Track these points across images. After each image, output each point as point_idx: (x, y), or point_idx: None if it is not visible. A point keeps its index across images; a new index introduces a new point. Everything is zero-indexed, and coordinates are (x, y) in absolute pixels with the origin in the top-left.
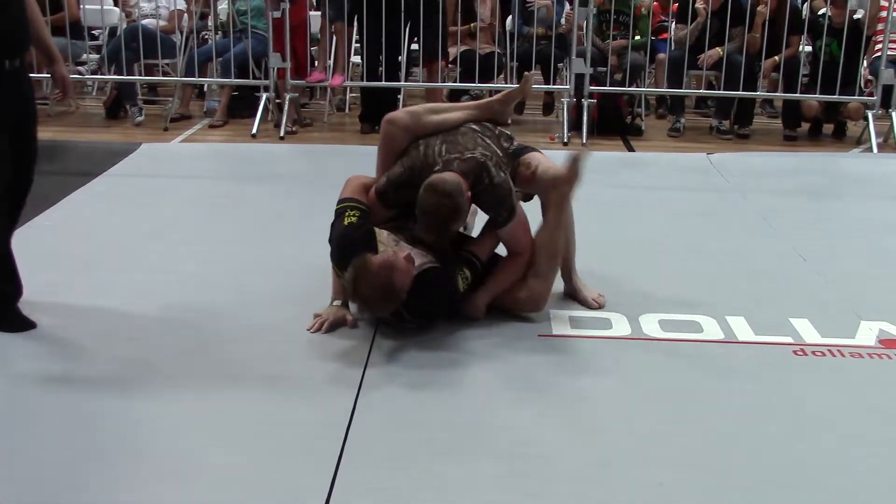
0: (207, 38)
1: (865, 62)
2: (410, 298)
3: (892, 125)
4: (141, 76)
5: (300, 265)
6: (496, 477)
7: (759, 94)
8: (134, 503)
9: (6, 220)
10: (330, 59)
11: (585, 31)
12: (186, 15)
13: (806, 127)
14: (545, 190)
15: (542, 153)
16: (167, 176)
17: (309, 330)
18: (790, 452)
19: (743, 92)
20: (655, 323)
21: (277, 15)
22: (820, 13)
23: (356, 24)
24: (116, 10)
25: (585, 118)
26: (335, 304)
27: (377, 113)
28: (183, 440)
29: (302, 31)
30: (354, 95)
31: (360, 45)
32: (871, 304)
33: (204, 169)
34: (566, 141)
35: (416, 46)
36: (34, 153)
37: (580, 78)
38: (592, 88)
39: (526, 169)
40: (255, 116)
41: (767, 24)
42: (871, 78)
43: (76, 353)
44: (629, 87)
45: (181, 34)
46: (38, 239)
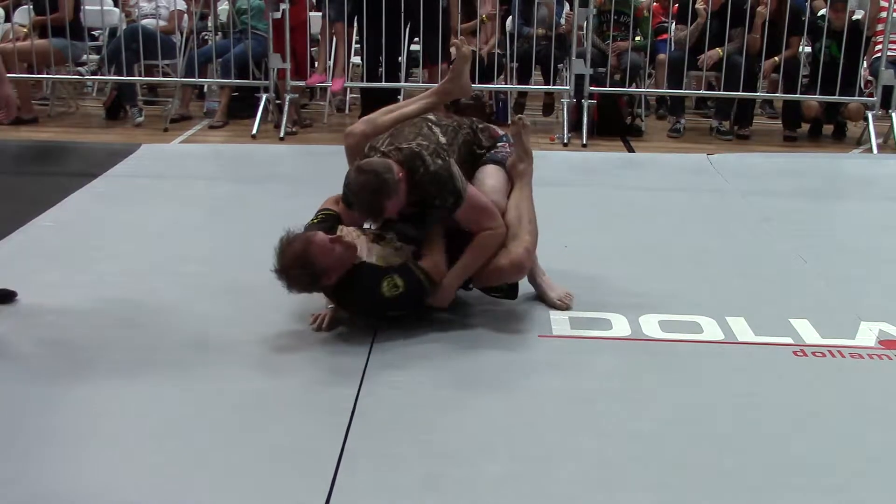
0: (207, 38)
1: (865, 63)
2: (337, 286)
3: (892, 126)
4: (141, 77)
5: None
6: (496, 477)
7: (759, 94)
8: (134, 503)
9: None
10: (330, 60)
11: (585, 31)
12: (186, 15)
13: (806, 128)
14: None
15: (506, 170)
16: (167, 176)
17: (311, 326)
18: (790, 453)
19: (743, 93)
20: (655, 323)
21: (277, 16)
22: (820, 14)
23: (356, 24)
24: (116, 10)
25: (585, 119)
26: (329, 306)
27: None
28: (182, 440)
29: (302, 31)
30: (354, 96)
31: (360, 45)
32: (871, 304)
33: (204, 170)
34: (566, 142)
35: (416, 47)
36: None
37: (580, 78)
38: (592, 89)
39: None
40: (255, 117)
41: (767, 24)
42: (870, 79)
43: (75, 352)
44: (629, 87)
45: (181, 35)
46: (37, 239)
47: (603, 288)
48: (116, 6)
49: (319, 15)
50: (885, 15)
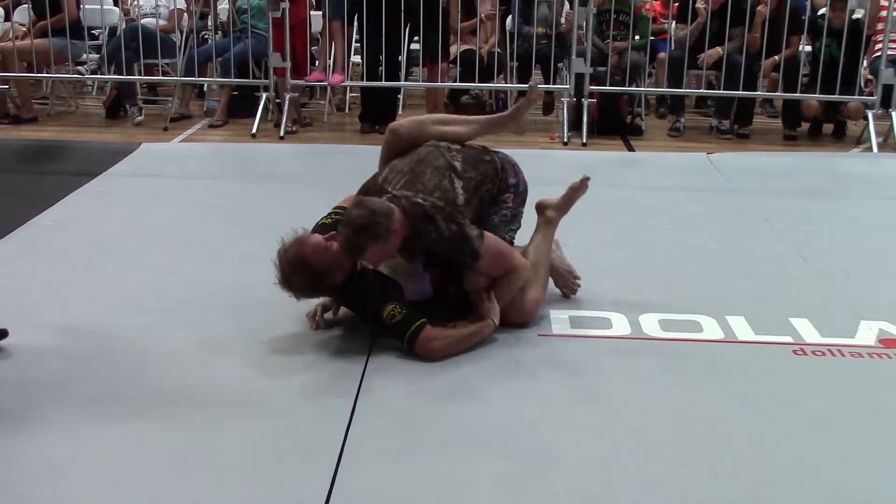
0: (207, 37)
1: (865, 62)
2: (343, 288)
3: (892, 125)
4: (141, 76)
5: None
6: (496, 477)
7: (759, 93)
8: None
9: None
10: (330, 58)
11: (585, 30)
12: (186, 14)
13: (806, 127)
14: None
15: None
16: (167, 176)
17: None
18: (790, 452)
19: (743, 92)
20: (655, 322)
21: (277, 14)
22: (820, 13)
23: (356, 23)
24: (116, 9)
25: (585, 118)
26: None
27: (377, 113)
28: (181, 438)
29: (302, 30)
30: (354, 95)
31: (360, 44)
32: (870, 303)
33: (204, 169)
34: (566, 141)
35: (416, 46)
36: None
37: (580, 77)
38: (592, 88)
39: None
40: (254, 116)
41: (767, 23)
42: (870, 77)
43: (75, 352)
44: (629, 86)
45: (181, 34)
46: (37, 238)
47: (603, 287)
48: (116, 5)
49: (319, 14)
50: (885, 14)
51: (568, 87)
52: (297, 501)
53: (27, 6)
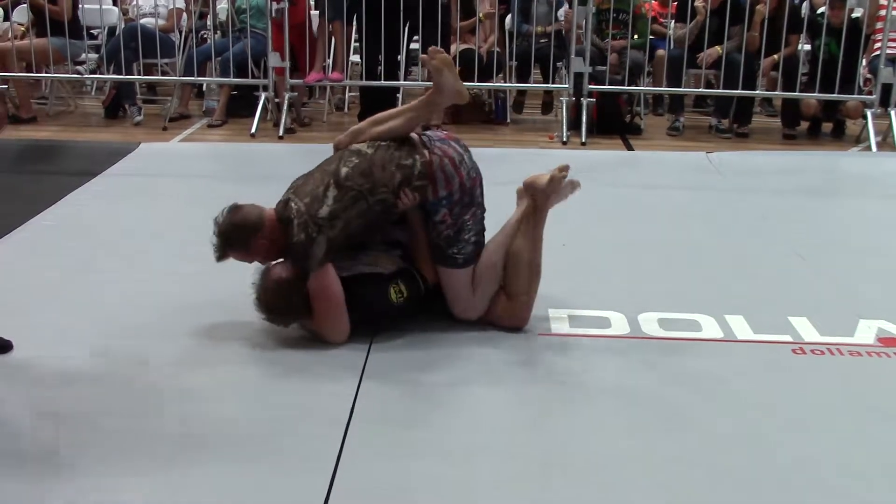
0: (206, 37)
1: (864, 60)
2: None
3: (891, 124)
4: (140, 76)
5: None
6: (495, 476)
7: (758, 92)
8: (132, 501)
9: None
10: (329, 58)
11: (585, 29)
12: (185, 14)
13: (805, 126)
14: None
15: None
16: (166, 175)
17: None
18: (789, 451)
19: (742, 91)
20: (654, 322)
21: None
22: (819, 12)
23: (355, 23)
24: (115, 9)
25: (584, 117)
26: None
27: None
28: (179, 436)
29: (301, 30)
30: (353, 94)
31: (359, 44)
32: (869, 302)
33: (203, 168)
34: (565, 140)
35: (415, 46)
36: None
37: (579, 77)
38: (591, 87)
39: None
40: (254, 116)
41: (766, 22)
42: (870, 76)
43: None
44: (628, 85)
45: (180, 33)
46: (37, 238)
47: (602, 286)
48: (115, 5)
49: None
50: (884, 13)
51: (567, 86)
52: (296, 500)
53: (26, 6)
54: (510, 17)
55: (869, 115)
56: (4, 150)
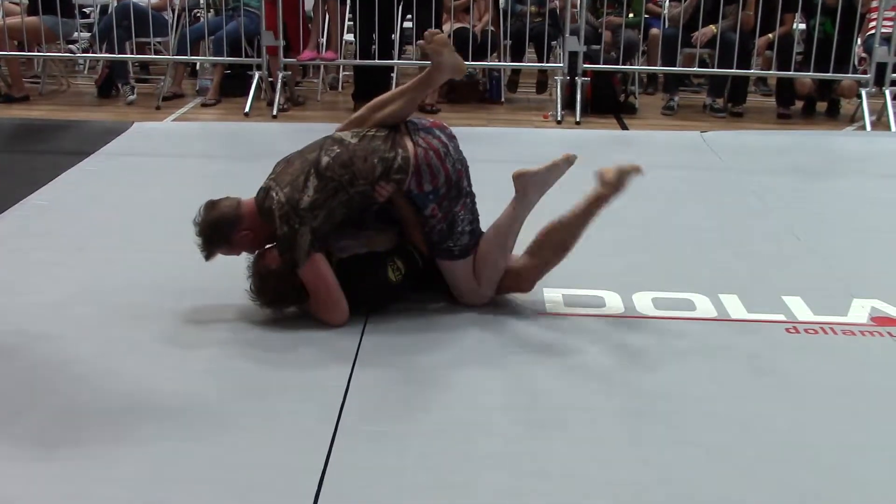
0: (199, 15)
1: (859, 40)
2: (342, 277)
3: (885, 103)
4: (133, 55)
5: None
6: (492, 455)
7: (752, 72)
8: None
9: None
10: (322, 37)
11: (579, 8)
12: None
13: (799, 105)
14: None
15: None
16: (159, 155)
17: None
18: (782, 429)
19: (737, 70)
20: (648, 300)
21: None
22: None
23: (349, 1)
24: None
25: (579, 96)
26: None
27: (370, 91)
28: (172, 418)
29: (294, 8)
30: (347, 74)
31: (352, 23)
32: (863, 281)
33: (196, 148)
34: (560, 119)
35: (409, 24)
36: None
37: (574, 56)
38: (586, 66)
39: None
40: (247, 95)
41: (761, 1)
42: (864, 55)
43: (67, 333)
44: (623, 65)
45: (173, 12)
46: (30, 218)
47: (596, 265)
48: None
49: None
50: None
51: (561, 65)
52: (290, 481)
53: None
54: None
55: (864, 94)
56: None
